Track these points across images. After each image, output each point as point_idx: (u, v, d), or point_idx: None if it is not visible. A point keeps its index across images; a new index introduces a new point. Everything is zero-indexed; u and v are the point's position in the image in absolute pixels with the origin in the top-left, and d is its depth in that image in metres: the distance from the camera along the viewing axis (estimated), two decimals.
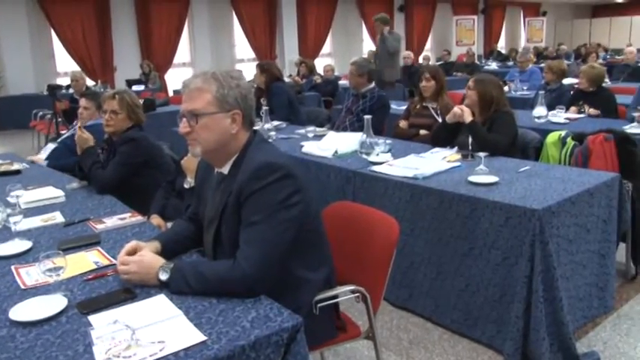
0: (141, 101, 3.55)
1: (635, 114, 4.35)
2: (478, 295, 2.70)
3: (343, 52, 14.42)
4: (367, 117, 3.42)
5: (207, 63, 12.30)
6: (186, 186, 2.84)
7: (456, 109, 3.54)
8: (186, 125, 1.77)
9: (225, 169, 1.84)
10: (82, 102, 4.08)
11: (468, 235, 2.68)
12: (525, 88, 7.06)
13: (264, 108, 4.23)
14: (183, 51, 12.49)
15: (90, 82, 10.30)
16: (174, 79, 11.91)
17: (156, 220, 2.82)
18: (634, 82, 6.94)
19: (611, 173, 3.03)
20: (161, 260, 1.75)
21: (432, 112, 4.29)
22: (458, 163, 3.18)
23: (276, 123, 4.60)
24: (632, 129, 4.11)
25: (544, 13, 21.04)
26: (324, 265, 1.89)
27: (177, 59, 12.34)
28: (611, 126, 3.88)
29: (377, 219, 2.07)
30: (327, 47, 14.64)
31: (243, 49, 13.13)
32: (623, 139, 3.41)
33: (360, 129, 3.52)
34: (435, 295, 2.92)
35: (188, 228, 2.04)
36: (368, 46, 15.14)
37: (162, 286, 1.69)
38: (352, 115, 4.53)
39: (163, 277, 1.69)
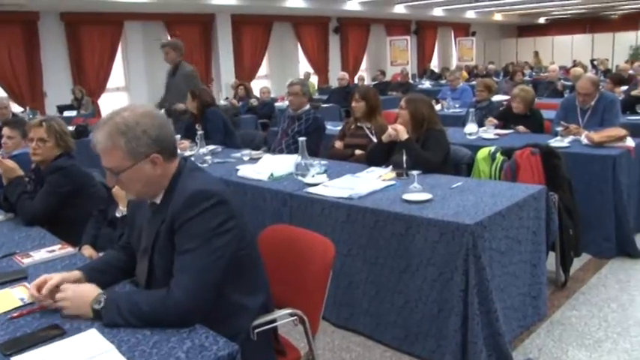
0: (73, 127, 3.44)
1: (559, 128, 4.57)
2: (417, 311, 2.74)
3: (279, 74, 14.50)
4: (302, 139, 3.44)
5: (142, 87, 12.10)
6: (118, 215, 2.78)
7: (391, 129, 3.61)
8: (111, 180, 1.76)
9: (158, 199, 1.81)
10: (5, 131, 3.92)
11: (404, 253, 2.72)
12: (457, 105, 7.28)
13: (199, 133, 4.19)
14: (117, 75, 12.25)
15: (18, 109, 9.92)
16: (109, 104, 11.64)
17: (87, 251, 2.74)
18: (557, 98, 7.26)
19: (538, 186, 3.15)
20: (97, 290, 1.70)
21: (367, 131, 4.35)
22: (393, 182, 3.23)
23: (211, 147, 4.56)
24: (556, 143, 4.30)
25: (473, 34, 21.85)
26: (261, 289, 1.88)
27: (111, 84, 12.08)
28: (537, 140, 4.05)
29: (312, 241, 2.08)
30: (263, 69, 14.69)
31: None
32: (548, 153, 3.56)
33: (296, 151, 3.54)
34: (375, 313, 2.94)
35: (117, 257, 1.99)
36: (304, 67, 15.30)
37: (96, 319, 1.64)
38: (288, 137, 4.54)
39: (97, 307, 1.64)
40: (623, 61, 15.72)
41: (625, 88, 7.09)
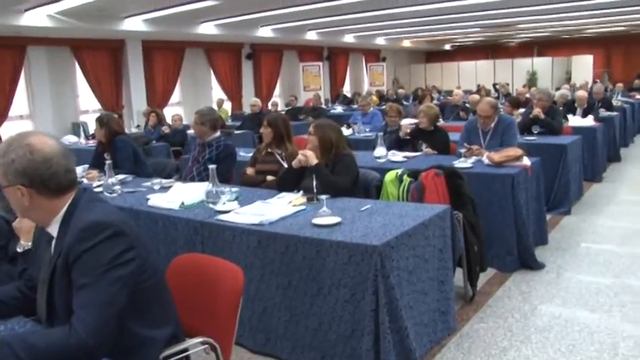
0: None
1: (462, 150, 4.80)
2: (331, 332, 2.78)
3: (193, 101, 14.34)
4: (212, 166, 3.44)
5: (48, 115, 11.60)
6: (19, 250, 2.64)
7: (300, 155, 3.67)
8: None
9: (53, 230, 1.76)
10: None
11: (316, 276, 2.76)
12: (368, 129, 7.47)
13: (107, 162, 4.08)
14: (20, 102, 11.66)
15: None
16: (11, 133, 11.03)
17: None
18: (462, 121, 7.63)
19: (442, 205, 3.30)
20: None
21: (278, 157, 4.39)
22: (303, 207, 3.28)
23: (121, 177, 4.45)
24: (460, 164, 4.52)
25: (384, 59, 22.57)
26: (168, 320, 1.86)
27: (13, 111, 11.48)
28: (443, 162, 4.25)
29: (222, 268, 2.08)
30: (176, 96, 14.47)
31: (87, 99, 12.59)
32: (451, 174, 3.74)
33: (207, 178, 3.52)
34: (290, 336, 2.96)
35: (10, 293, 1.91)
36: (217, 94, 15.23)
37: None
38: (199, 165, 4.50)
39: None
40: (522, 85, 16.79)
41: (522, 110, 7.55)
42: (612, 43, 22.30)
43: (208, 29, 12.99)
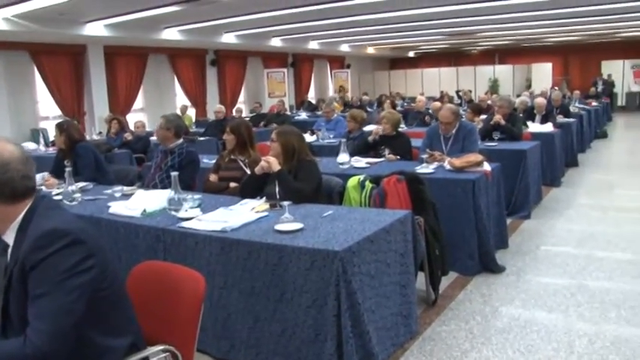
0: None
1: (424, 156, 4.88)
2: (295, 338, 2.79)
3: (156, 107, 14.18)
4: (174, 173, 3.42)
5: (5, 121, 11.31)
6: None
7: (263, 162, 3.69)
8: None
9: (9, 238, 1.73)
10: None
11: (279, 282, 2.78)
12: (332, 136, 7.52)
13: (67, 169, 4.01)
14: None
15: None
16: None
17: None
18: (426, 127, 7.70)
19: (404, 211, 3.35)
20: None
21: (241, 164, 4.38)
22: (266, 213, 3.29)
23: (81, 184, 4.38)
24: (422, 169, 4.60)
25: (348, 66, 22.75)
26: (128, 329, 1.85)
27: None
28: (406, 168, 4.32)
29: (183, 276, 2.08)
30: (139, 102, 14.31)
31: (47, 105, 12.34)
32: (413, 179, 3.79)
33: (170, 185, 3.50)
34: (254, 343, 2.96)
35: None
36: (181, 100, 15.12)
37: None
38: (161, 172, 4.47)
39: None
40: (484, 92, 17.13)
41: (484, 117, 7.70)
42: (570, 51, 23.00)
43: (172, 35, 12.89)
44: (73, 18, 10.41)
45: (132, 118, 11.84)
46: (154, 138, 8.95)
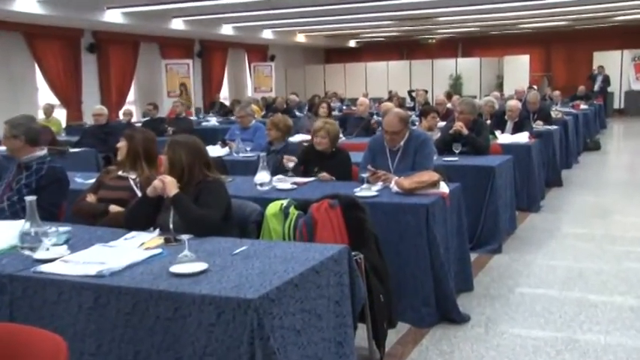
0: None
1: (365, 174, 4.92)
2: None
3: (7, 107, 13.39)
4: (30, 198, 3.30)
5: None
6: None
7: (157, 182, 3.64)
8: None
9: None
10: None
11: (174, 343, 2.72)
12: (249, 148, 7.51)
13: None
14: None
15: None
16: None
17: None
18: (368, 137, 7.80)
19: (338, 245, 3.37)
20: None
21: (131, 183, 4.32)
22: (159, 250, 3.24)
23: None
24: (362, 192, 4.65)
25: (272, 58, 22.91)
26: None
27: None
28: (343, 189, 4.36)
29: (36, 341, 2.01)
30: None
31: None
32: (350, 205, 3.84)
33: (23, 212, 3.39)
34: None
35: None
36: (45, 97, 14.71)
37: None
38: (12, 193, 4.32)
39: None
40: (443, 92, 17.47)
41: (441, 124, 7.88)
42: (553, 41, 23.87)
43: (28, 5, 12.45)
44: None
45: None
46: (2, 148, 8.66)
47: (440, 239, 4.46)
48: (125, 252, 3.23)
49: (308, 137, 6.86)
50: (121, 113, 13.36)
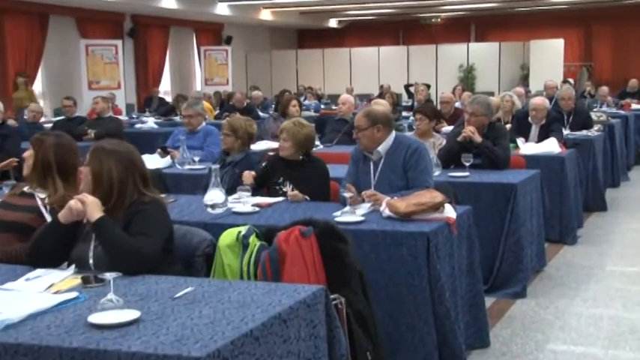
0: None
1: (347, 194, 4.90)
2: None
3: None
4: None
5: None
6: None
7: (74, 202, 3.61)
8: None
9: None
10: None
11: None
12: (197, 159, 7.48)
13: None
14: None
15: None
16: None
17: None
18: (352, 145, 7.79)
19: (313, 286, 3.37)
20: None
21: (39, 204, 4.30)
22: (75, 294, 3.22)
23: None
24: (344, 216, 4.66)
25: (228, 40, 22.89)
26: None
27: None
28: (319, 212, 4.37)
29: None
30: None
31: None
32: (327, 234, 3.83)
33: None
34: None
35: None
36: None
37: None
38: None
39: None
40: (452, 87, 17.51)
41: (447, 128, 7.89)
42: (595, 21, 23.91)
43: None
44: None
45: None
46: None
47: (445, 279, 4.47)
48: (27, 297, 3.20)
49: (275, 145, 6.85)
50: (26, 111, 13.23)
